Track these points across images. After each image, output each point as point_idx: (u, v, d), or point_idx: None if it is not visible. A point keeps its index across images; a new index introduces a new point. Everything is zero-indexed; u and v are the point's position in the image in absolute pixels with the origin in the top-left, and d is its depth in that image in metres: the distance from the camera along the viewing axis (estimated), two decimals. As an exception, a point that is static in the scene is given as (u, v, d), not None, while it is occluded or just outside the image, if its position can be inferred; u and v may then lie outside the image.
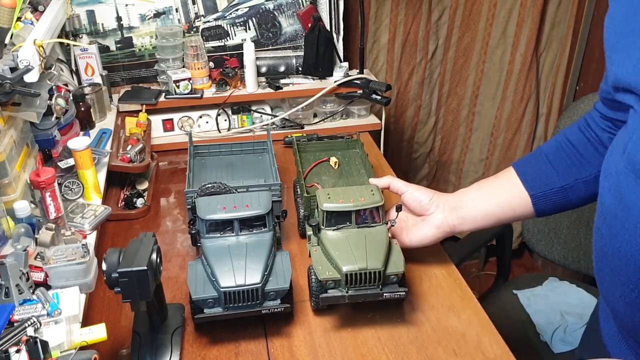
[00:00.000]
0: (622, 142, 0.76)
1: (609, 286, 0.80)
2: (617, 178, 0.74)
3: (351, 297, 0.99)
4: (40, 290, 0.86)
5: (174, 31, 1.63)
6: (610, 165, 0.79)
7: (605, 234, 0.78)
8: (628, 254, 0.72)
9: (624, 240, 0.73)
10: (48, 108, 1.17)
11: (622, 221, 0.73)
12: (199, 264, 1.02)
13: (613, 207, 0.75)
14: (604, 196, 0.79)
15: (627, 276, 0.73)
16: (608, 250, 0.77)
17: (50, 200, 1.05)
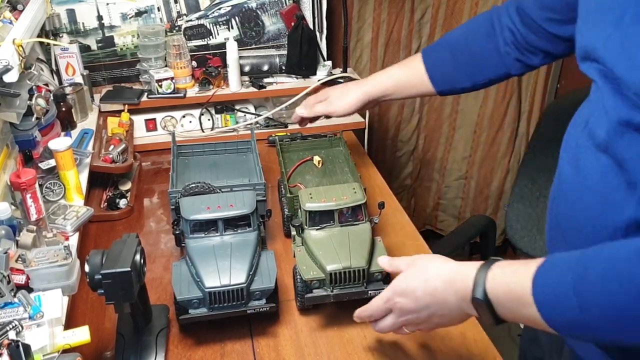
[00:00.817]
0: (583, 117, 0.80)
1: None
2: (577, 150, 0.79)
3: (336, 296, 0.99)
4: (22, 293, 0.85)
5: (156, 30, 1.62)
6: (570, 138, 0.83)
7: (561, 202, 0.82)
8: (581, 222, 0.77)
9: (579, 208, 0.77)
10: (28, 108, 1.16)
11: (578, 190, 0.78)
12: (183, 264, 1.01)
13: (571, 177, 0.80)
14: (563, 167, 0.83)
15: (578, 244, 0.76)
16: (562, 219, 0.82)
17: (31, 202, 1.04)
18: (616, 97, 0.71)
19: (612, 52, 0.71)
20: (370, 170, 1.52)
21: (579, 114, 0.83)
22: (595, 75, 0.76)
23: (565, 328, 0.68)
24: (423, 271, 0.82)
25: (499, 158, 2.23)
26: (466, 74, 1.16)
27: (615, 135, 0.71)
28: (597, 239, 0.73)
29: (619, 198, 0.71)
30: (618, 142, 0.71)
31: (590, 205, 0.75)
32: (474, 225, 1.72)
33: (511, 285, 0.70)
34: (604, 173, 0.73)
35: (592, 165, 0.75)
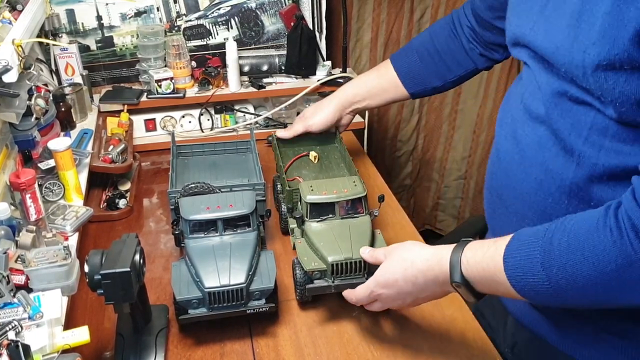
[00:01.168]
0: (517, 94, 0.87)
1: (503, 225, 0.89)
2: (514, 125, 0.85)
3: (337, 287, 1.00)
4: (22, 294, 0.85)
5: (155, 30, 1.62)
6: (506, 115, 0.89)
7: (501, 176, 0.88)
8: (524, 192, 0.82)
9: (520, 179, 0.83)
10: (27, 108, 1.16)
11: (518, 163, 0.83)
12: (182, 264, 1.01)
13: (510, 151, 0.85)
14: (500, 143, 0.89)
15: (522, 212, 0.84)
16: (504, 191, 0.87)
17: (30, 202, 1.04)
18: (548, 74, 0.78)
19: (538, 37, 0.78)
20: (370, 170, 1.52)
21: (511, 93, 0.92)
22: (525, 58, 0.85)
23: (536, 298, 0.74)
24: (401, 261, 0.87)
25: (499, 158, 2.23)
26: (436, 73, 1.21)
27: (550, 107, 0.77)
28: (542, 206, 0.80)
29: (559, 165, 0.77)
30: (553, 112, 0.77)
31: (532, 175, 0.81)
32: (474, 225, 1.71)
33: (484, 265, 0.75)
34: (541, 143, 0.79)
35: (530, 137, 0.81)
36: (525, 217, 0.83)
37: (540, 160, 0.79)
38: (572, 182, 0.76)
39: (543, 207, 0.80)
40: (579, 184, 0.75)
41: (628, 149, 0.71)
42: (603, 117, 0.71)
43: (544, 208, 0.80)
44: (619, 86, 0.67)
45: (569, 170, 0.76)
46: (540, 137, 0.79)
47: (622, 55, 0.65)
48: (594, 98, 0.71)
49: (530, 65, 0.83)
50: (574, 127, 0.74)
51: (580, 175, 0.75)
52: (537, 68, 0.80)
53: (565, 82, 0.75)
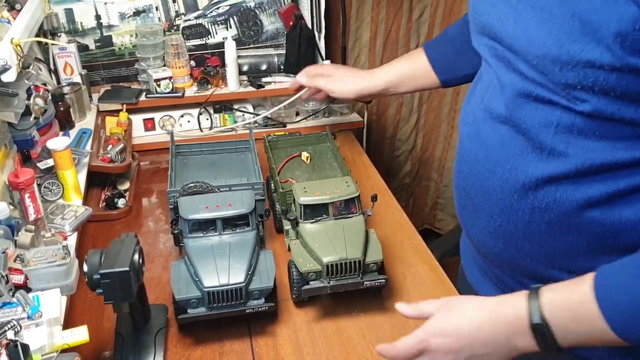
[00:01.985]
0: (478, 94, 0.87)
1: (473, 222, 0.89)
2: (476, 125, 0.85)
3: (333, 287, 1.00)
4: (20, 293, 0.85)
5: (154, 30, 1.62)
6: (467, 114, 0.89)
7: (467, 175, 0.88)
8: (490, 189, 0.82)
9: (485, 178, 0.83)
10: (26, 108, 1.16)
11: (482, 162, 0.83)
12: (182, 264, 1.01)
13: (474, 150, 0.85)
14: (464, 142, 0.89)
15: (490, 208, 0.83)
16: (471, 189, 0.87)
17: (29, 202, 1.04)
18: (511, 74, 0.77)
19: (507, 28, 0.77)
20: (369, 169, 1.52)
21: (472, 92, 0.91)
22: (487, 54, 0.84)
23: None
24: (463, 309, 0.77)
25: (498, 157, 2.23)
26: (467, 60, 1.15)
27: (514, 108, 0.77)
28: (508, 202, 0.80)
29: (524, 162, 0.77)
30: (519, 113, 0.76)
31: (497, 173, 0.81)
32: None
33: (572, 305, 0.69)
34: (504, 142, 0.79)
35: (493, 137, 0.81)
36: (493, 214, 0.83)
37: (504, 158, 0.79)
38: (538, 178, 0.76)
39: (509, 203, 0.80)
40: (545, 180, 0.75)
41: (593, 145, 0.71)
42: (569, 114, 0.72)
43: (510, 204, 0.80)
44: (598, 83, 0.67)
45: (537, 166, 0.76)
46: (503, 136, 0.79)
47: (603, 55, 0.65)
48: (560, 96, 0.71)
49: (492, 63, 0.82)
50: (541, 126, 0.74)
51: (547, 172, 0.75)
52: (499, 66, 0.80)
53: (529, 82, 0.74)
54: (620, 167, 0.72)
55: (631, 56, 0.64)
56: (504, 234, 0.83)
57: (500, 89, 0.80)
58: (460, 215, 0.95)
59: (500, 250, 0.85)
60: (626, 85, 0.66)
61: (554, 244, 0.79)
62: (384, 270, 1.04)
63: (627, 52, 0.63)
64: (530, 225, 0.79)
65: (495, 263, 0.91)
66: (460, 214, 0.95)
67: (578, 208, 0.75)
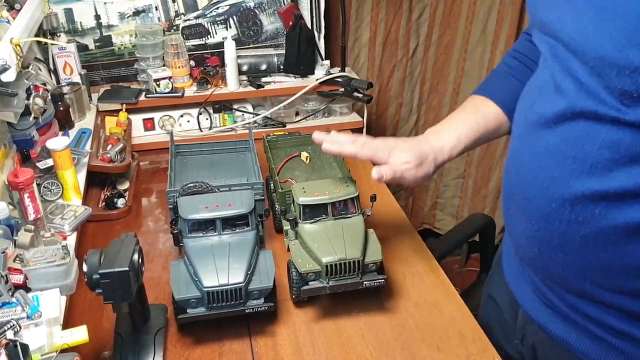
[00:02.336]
0: (532, 95, 0.84)
1: (514, 223, 0.88)
2: (527, 126, 0.82)
3: (332, 288, 1.00)
4: (20, 293, 0.85)
5: (153, 29, 1.62)
6: (520, 114, 0.87)
7: (513, 176, 0.86)
8: (531, 194, 0.81)
9: (528, 182, 0.81)
10: (26, 108, 1.16)
11: (527, 165, 0.82)
12: (181, 264, 1.01)
13: (521, 152, 0.84)
14: (514, 142, 0.87)
15: (529, 213, 0.82)
16: (515, 190, 0.86)
17: (29, 202, 1.04)
18: (567, 80, 0.74)
19: (566, 26, 0.74)
20: (368, 169, 1.51)
21: (529, 90, 0.87)
22: (547, 52, 0.80)
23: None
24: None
25: (497, 157, 2.23)
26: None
27: (562, 118, 0.75)
28: (546, 210, 0.79)
29: (566, 173, 0.75)
30: (567, 124, 0.74)
31: (538, 178, 0.79)
32: (472, 224, 1.71)
33: None
34: (550, 149, 0.77)
35: (540, 142, 0.79)
36: (532, 219, 0.82)
37: (548, 165, 0.78)
38: (578, 191, 0.74)
39: (547, 211, 0.79)
40: (585, 195, 0.73)
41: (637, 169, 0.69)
42: (617, 129, 0.69)
43: (548, 213, 0.79)
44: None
45: (577, 180, 0.74)
46: (549, 144, 0.77)
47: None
48: (610, 107, 0.68)
49: (550, 64, 0.79)
50: (588, 139, 0.72)
51: (589, 187, 0.73)
52: (557, 69, 0.77)
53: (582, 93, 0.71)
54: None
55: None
56: (540, 240, 0.82)
57: (554, 93, 0.77)
58: (505, 214, 0.94)
59: (535, 255, 0.85)
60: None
61: (587, 258, 0.77)
62: (383, 270, 1.04)
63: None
64: (565, 236, 0.77)
65: (531, 267, 0.90)
66: (505, 214, 0.93)
67: (616, 228, 0.72)
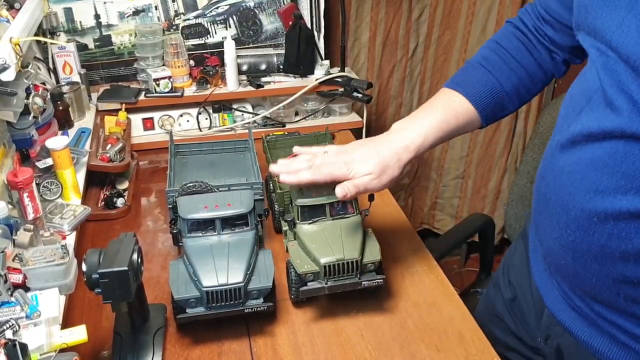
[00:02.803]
0: (579, 103, 0.79)
1: (546, 229, 0.87)
2: (571, 135, 0.78)
3: (331, 288, 1.00)
4: (19, 292, 0.85)
5: (153, 29, 1.62)
6: (564, 122, 0.82)
7: (550, 183, 0.84)
8: (570, 205, 0.79)
9: (568, 192, 0.79)
10: (25, 107, 1.16)
11: (568, 174, 0.79)
12: (180, 263, 1.01)
13: (562, 160, 0.81)
14: (554, 149, 0.83)
15: (566, 223, 0.80)
16: (552, 197, 0.83)
17: (28, 201, 1.04)
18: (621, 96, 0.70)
19: (629, 39, 0.69)
20: (368, 169, 1.52)
21: (573, 96, 0.83)
22: (597, 61, 0.76)
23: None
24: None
25: (496, 157, 2.23)
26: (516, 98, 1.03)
27: (612, 136, 0.72)
28: (587, 222, 0.76)
29: (612, 187, 0.72)
30: (613, 140, 0.71)
31: (580, 190, 0.77)
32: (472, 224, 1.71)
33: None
34: (595, 163, 0.74)
35: (585, 154, 0.76)
36: (568, 228, 0.80)
37: (592, 179, 0.75)
38: (623, 208, 0.72)
39: (587, 224, 0.77)
40: (631, 211, 0.71)
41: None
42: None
43: (588, 225, 0.77)
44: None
45: (625, 196, 0.71)
46: (595, 157, 0.74)
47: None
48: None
49: (601, 76, 0.75)
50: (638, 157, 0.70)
51: (634, 206, 0.71)
52: (610, 84, 0.73)
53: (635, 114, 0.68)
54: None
55: None
56: (574, 249, 0.80)
57: (605, 108, 0.73)
58: (536, 219, 0.92)
59: (568, 263, 0.83)
60: None
61: (625, 273, 0.76)
62: (382, 270, 1.04)
63: None
64: (604, 249, 0.76)
65: (560, 273, 0.89)
66: (536, 218, 0.92)
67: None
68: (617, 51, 0.71)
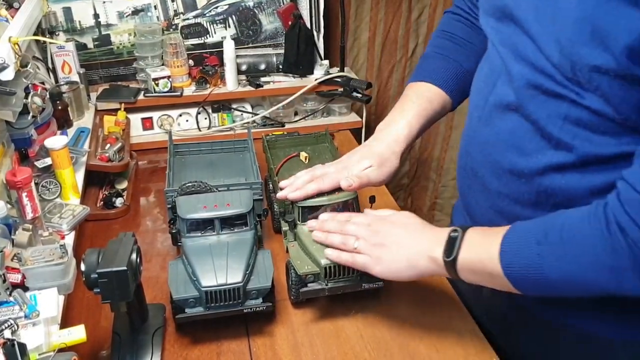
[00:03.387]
0: (491, 79, 0.88)
1: (478, 200, 0.94)
2: (489, 109, 0.88)
3: (331, 290, 1.00)
4: (18, 292, 0.85)
5: (152, 29, 1.62)
6: (479, 98, 0.91)
7: (476, 156, 0.92)
8: (499, 171, 0.87)
9: (495, 160, 0.87)
10: (24, 107, 1.15)
11: (493, 145, 0.87)
12: (179, 263, 1.01)
13: (485, 133, 0.89)
14: (474, 124, 0.92)
15: (497, 189, 0.88)
16: (479, 170, 0.91)
17: (27, 201, 1.03)
18: (520, 63, 0.79)
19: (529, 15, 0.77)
20: (367, 169, 1.52)
21: (484, 75, 0.91)
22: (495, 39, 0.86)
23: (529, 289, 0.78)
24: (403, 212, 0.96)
25: (496, 158, 2.23)
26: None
27: (524, 99, 0.80)
28: (516, 184, 0.85)
29: (533, 149, 0.81)
30: (528, 104, 0.79)
31: (506, 156, 0.85)
32: (471, 224, 1.72)
33: (482, 257, 0.81)
34: (515, 129, 0.83)
35: (504, 123, 0.84)
36: (500, 194, 0.88)
37: (514, 144, 0.83)
38: (546, 164, 0.80)
39: (517, 186, 0.85)
40: (552, 167, 0.80)
41: (598, 139, 0.75)
42: (576, 108, 0.75)
43: (518, 187, 0.85)
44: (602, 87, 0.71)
45: (545, 154, 0.80)
46: (514, 124, 0.83)
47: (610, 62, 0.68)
48: (569, 90, 0.74)
49: (500, 50, 0.84)
50: (550, 117, 0.78)
51: (554, 160, 0.79)
52: (508, 55, 0.82)
53: (538, 74, 0.77)
54: (623, 159, 0.75)
55: (635, 66, 0.67)
56: (509, 213, 0.88)
57: (510, 79, 0.82)
58: (464, 193, 0.99)
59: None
60: (627, 91, 0.70)
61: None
62: None
63: (632, 62, 0.67)
64: (536, 206, 0.84)
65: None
66: (464, 193, 0.99)
67: (582, 194, 0.79)
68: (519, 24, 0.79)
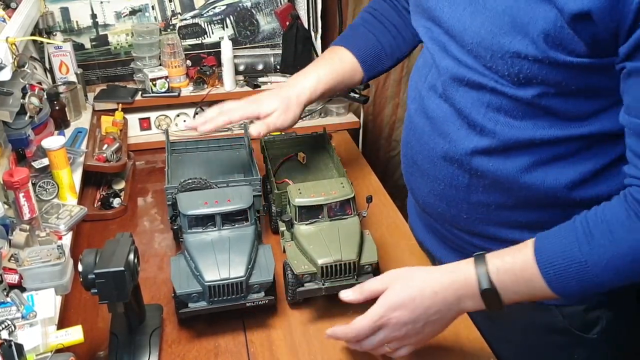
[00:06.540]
0: (422, 72, 0.97)
1: (420, 186, 1.02)
2: (422, 101, 0.96)
3: (328, 289, 1.01)
4: (15, 293, 0.85)
5: (150, 29, 1.62)
6: (414, 91, 1.00)
7: (415, 145, 0.99)
8: (434, 158, 0.94)
9: (430, 148, 0.95)
10: (21, 107, 1.16)
11: (428, 134, 0.95)
12: (181, 259, 1.01)
13: (421, 124, 0.96)
14: (412, 116, 1.00)
15: (434, 175, 0.96)
16: (418, 158, 0.99)
17: (24, 201, 1.03)
18: (446, 59, 0.88)
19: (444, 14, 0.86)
20: (365, 169, 1.52)
21: (418, 69, 1.00)
22: (424, 36, 0.94)
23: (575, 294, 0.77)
24: (414, 281, 0.84)
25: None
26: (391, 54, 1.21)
27: (450, 90, 0.88)
28: (450, 170, 0.92)
29: (462, 135, 0.89)
30: (454, 95, 0.88)
31: (439, 144, 0.93)
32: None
33: (515, 270, 0.78)
34: (445, 118, 0.91)
35: (436, 112, 0.92)
36: (437, 179, 0.95)
37: (445, 131, 0.91)
38: (474, 150, 0.88)
39: (451, 171, 0.92)
40: (479, 152, 0.87)
41: (518, 124, 0.83)
42: (497, 97, 0.83)
43: (452, 172, 0.92)
44: (522, 72, 0.78)
45: (471, 140, 0.88)
46: (444, 112, 0.91)
47: (529, 47, 0.75)
48: (490, 79, 0.82)
49: (429, 47, 0.92)
50: (473, 106, 0.86)
51: (480, 145, 0.87)
52: (436, 50, 0.90)
53: (462, 67, 0.85)
54: (542, 143, 0.83)
55: (552, 50, 0.74)
56: (446, 196, 0.96)
57: (438, 72, 0.90)
58: (408, 180, 1.07)
59: (444, 210, 0.98)
60: (545, 75, 0.77)
61: (489, 203, 0.92)
62: (379, 272, 1.04)
63: (548, 47, 0.74)
64: (469, 188, 0.92)
65: (438, 220, 1.03)
66: (408, 180, 1.07)
67: (509, 175, 0.87)
68: (440, 24, 0.88)
